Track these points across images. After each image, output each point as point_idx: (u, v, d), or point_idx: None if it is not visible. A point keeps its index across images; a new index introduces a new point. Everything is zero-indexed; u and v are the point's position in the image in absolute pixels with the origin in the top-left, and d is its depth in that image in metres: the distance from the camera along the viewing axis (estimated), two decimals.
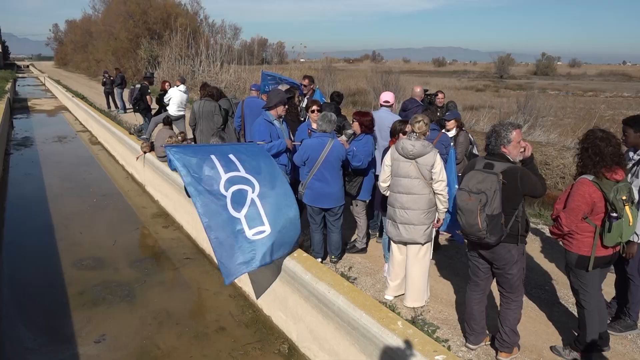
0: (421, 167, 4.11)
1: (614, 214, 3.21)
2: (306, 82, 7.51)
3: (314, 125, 5.34)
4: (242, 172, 4.41)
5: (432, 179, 4.12)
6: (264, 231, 4.28)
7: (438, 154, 4.13)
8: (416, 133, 4.18)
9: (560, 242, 3.64)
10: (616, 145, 3.29)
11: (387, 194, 4.42)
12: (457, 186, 4.55)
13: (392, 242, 4.46)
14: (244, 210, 4.28)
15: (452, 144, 5.07)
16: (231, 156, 4.48)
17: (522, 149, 3.42)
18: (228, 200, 4.25)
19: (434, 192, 4.17)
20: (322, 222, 5.14)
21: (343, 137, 5.29)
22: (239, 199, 4.30)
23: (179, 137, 8.24)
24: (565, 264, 3.60)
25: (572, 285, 3.59)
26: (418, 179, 4.14)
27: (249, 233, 4.23)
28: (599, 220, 3.33)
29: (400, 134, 4.68)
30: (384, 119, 5.58)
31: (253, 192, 4.37)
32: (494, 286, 3.77)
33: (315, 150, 4.83)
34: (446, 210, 4.28)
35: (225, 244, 4.16)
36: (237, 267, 4.16)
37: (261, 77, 8.18)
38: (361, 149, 5.03)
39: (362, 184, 5.26)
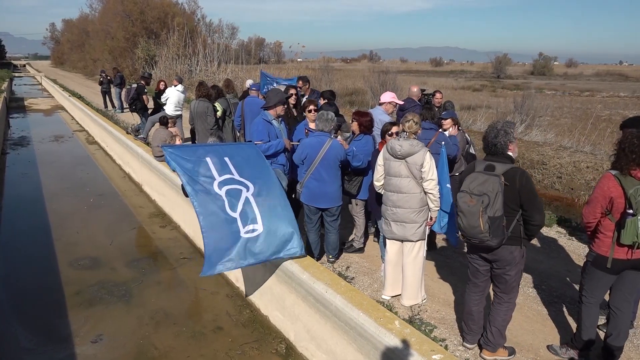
0: (411, 166, 4.13)
1: (630, 210, 3.18)
2: (300, 83, 7.53)
3: (312, 125, 5.34)
4: (236, 176, 4.43)
5: (422, 177, 4.13)
6: (255, 230, 4.30)
7: (428, 153, 4.14)
8: (406, 132, 4.20)
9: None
10: None
11: (382, 192, 4.45)
12: (448, 185, 4.57)
13: (386, 240, 4.48)
14: (239, 208, 4.30)
15: (443, 142, 5.07)
16: (226, 159, 4.48)
17: None
18: (225, 201, 4.27)
19: (425, 191, 4.18)
20: (319, 221, 5.14)
21: (341, 137, 5.30)
22: (234, 197, 4.33)
23: (176, 138, 8.25)
24: (583, 263, 3.61)
25: (580, 283, 3.61)
26: (408, 178, 4.16)
27: (242, 231, 4.25)
28: (618, 217, 3.28)
29: (387, 136, 4.72)
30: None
31: (248, 192, 4.39)
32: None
33: (313, 149, 4.83)
34: (437, 208, 4.29)
35: (218, 243, 4.20)
36: (222, 264, 4.18)
37: (260, 77, 8.19)
38: (361, 148, 5.03)
39: (362, 183, 5.25)
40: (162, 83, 11.40)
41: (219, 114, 8.02)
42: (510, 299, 3.54)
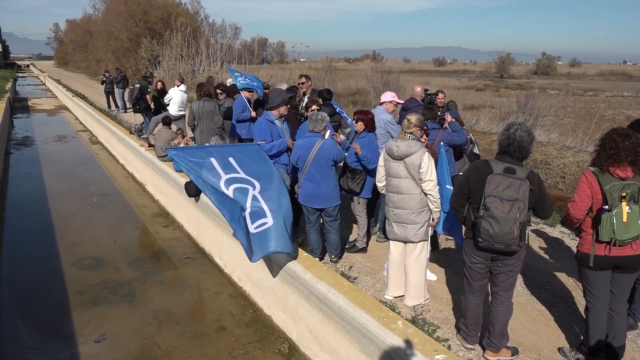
0: (409, 167, 4.11)
1: (605, 207, 3.21)
2: (302, 80, 7.52)
3: None
4: (242, 174, 4.45)
5: (420, 179, 4.12)
6: (266, 223, 4.32)
7: (426, 154, 4.11)
8: (407, 133, 4.19)
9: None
10: (635, 142, 3.20)
11: (385, 193, 4.44)
12: (448, 186, 4.54)
13: (389, 241, 4.47)
14: (248, 207, 4.36)
15: (443, 143, 5.05)
16: (230, 159, 4.50)
17: None
18: (233, 199, 4.37)
19: (424, 192, 4.17)
20: (318, 221, 5.12)
21: (342, 136, 5.28)
22: (242, 195, 4.39)
23: (179, 137, 8.26)
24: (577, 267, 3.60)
25: (582, 289, 3.58)
26: (407, 179, 4.15)
27: (252, 227, 4.30)
28: (595, 213, 3.31)
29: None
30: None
31: (254, 190, 4.42)
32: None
33: (305, 150, 4.82)
34: (439, 209, 4.26)
35: (242, 231, 4.35)
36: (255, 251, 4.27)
37: (231, 73, 8.12)
38: (366, 147, 5.01)
39: (366, 181, 5.22)
40: (159, 83, 11.42)
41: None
42: (510, 296, 3.54)
